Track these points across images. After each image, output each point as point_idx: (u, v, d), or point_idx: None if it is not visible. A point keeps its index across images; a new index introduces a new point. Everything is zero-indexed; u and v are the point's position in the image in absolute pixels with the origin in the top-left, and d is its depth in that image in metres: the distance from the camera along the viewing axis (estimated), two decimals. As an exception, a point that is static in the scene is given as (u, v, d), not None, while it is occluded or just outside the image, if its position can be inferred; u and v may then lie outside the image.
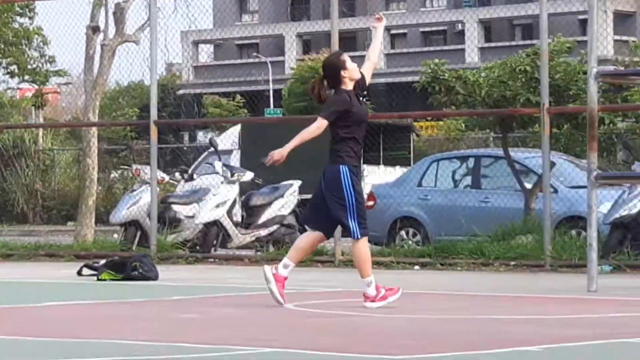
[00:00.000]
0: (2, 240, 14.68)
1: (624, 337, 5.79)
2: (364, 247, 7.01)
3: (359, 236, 6.89)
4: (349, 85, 6.95)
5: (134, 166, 14.22)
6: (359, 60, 7.95)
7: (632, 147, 15.80)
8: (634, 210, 11.65)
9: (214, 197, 12.84)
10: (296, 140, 7.09)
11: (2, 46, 14.55)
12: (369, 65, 7.19)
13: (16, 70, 15.90)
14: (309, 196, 12.39)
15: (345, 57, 7.19)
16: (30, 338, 5.93)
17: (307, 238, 7.25)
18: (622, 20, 43.12)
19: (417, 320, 7.05)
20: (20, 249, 13.92)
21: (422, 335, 6.08)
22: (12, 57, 15.09)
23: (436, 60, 13.36)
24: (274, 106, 33.15)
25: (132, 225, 12.90)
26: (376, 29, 7.60)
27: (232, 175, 13.01)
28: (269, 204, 13.06)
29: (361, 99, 7.16)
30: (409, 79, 25.53)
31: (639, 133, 19.19)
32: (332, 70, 7.07)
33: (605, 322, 6.96)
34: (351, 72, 6.98)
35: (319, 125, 6.89)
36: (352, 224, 6.88)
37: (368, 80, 7.08)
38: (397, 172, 17.33)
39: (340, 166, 6.75)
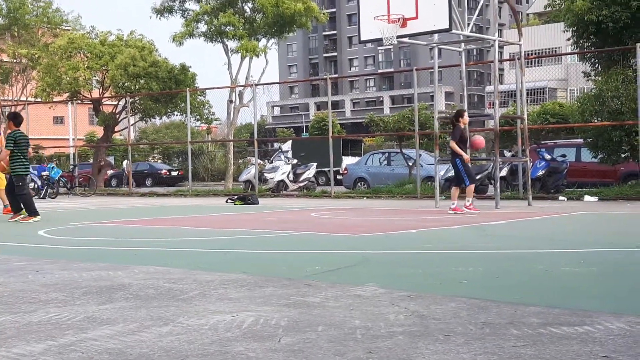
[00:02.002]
0: (195, 189, 24.46)
1: (449, 225, 10.67)
2: (471, 187, 12.34)
3: (467, 184, 12.33)
4: (462, 124, 12.34)
5: (248, 157, 26.79)
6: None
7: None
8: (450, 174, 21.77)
9: (280, 169, 22.27)
10: (456, 148, 12.26)
11: (194, 108, 27.77)
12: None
13: (198, 117, 27.31)
14: (321, 169, 25.12)
15: (464, 113, 12.60)
16: (202, 228, 10.80)
17: (455, 189, 12.55)
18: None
19: (364, 219, 12.64)
20: (202, 191, 24.01)
21: (361, 226, 11.24)
22: (198, 114, 28.24)
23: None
24: (305, 132, 55.31)
25: (247, 182, 22.90)
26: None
27: (288, 160, 22.77)
28: (304, 172, 22.48)
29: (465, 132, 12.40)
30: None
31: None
32: (456, 116, 12.55)
33: (440, 219, 11.73)
34: (464, 120, 12.42)
35: (452, 143, 12.29)
36: (465, 179, 12.26)
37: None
38: (356, 159, 27.38)
39: (457, 158, 12.18)
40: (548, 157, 18.41)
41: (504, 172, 18.31)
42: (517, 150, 16.95)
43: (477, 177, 18.64)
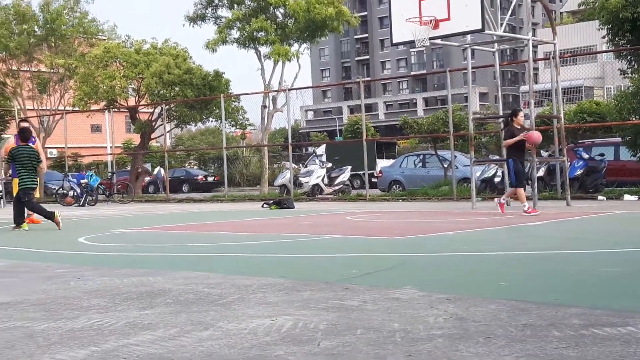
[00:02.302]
0: (230, 194, 24.52)
1: (486, 227, 10.40)
2: (520, 191, 12.02)
3: (514, 185, 12.14)
4: (516, 125, 11.94)
5: (283, 162, 26.91)
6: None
7: (488, 148, 27.03)
8: (490, 174, 18.93)
9: (315, 173, 22.20)
10: (513, 140, 11.98)
11: (228, 114, 28.03)
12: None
13: (232, 123, 27.31)
14: (355, 173, 25.07)
15: (520, 113, 12.27)
16: (239, 233, 10.80)
17: (519, 190, 12.13)
18: None
19: (400, 222, 12.22)
20: (238, 197, 23.95)
21: (397, 228, 10.86)
22: (233, 120, 28.47)
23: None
24: (339, 136, 54.97)
25: (283, 186, 22.95)
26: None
27: (323, 164, 22.64)
28: (338, 176, 22.43)
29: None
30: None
31: (492, 143, 27.03)
32: (510, 115, 12.23)
33: (477, 221, 11.34)
34: (518, 120, 12.04)
35: (505, 144, 12.51)
36: (514, 181, 12.07)
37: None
38: (391, 161, 27.11)
39: (510, 159, 12.01)
40: (586, 156, 18.16)
41: (541, 173, 18.10)
42: (554, 150, 16.74)
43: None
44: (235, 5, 26.36)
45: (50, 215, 11.90)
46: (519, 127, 12.46)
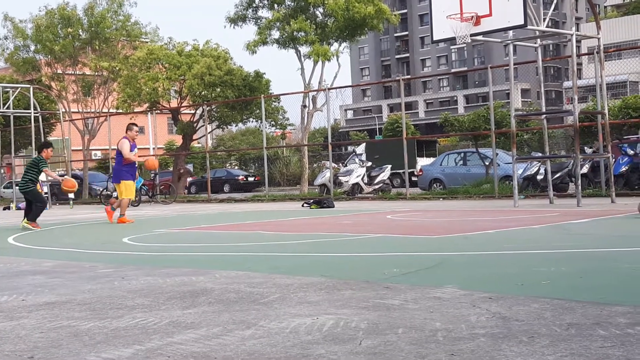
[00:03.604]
0: (271, 194, 24.75)
1: (529, 225, 10.16)
2: None
3: None
4: None
5: (323, 161, 27.10)
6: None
7: (531, 145, 26.69)
8: (533, 171, 18.93)
9: (355, 172, 22.24)
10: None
11: (268, 114, 28.26)
12: None
13: (273, 123, 27.44)
14: (395, 171, 25.03)
15: None
16: (280, 232, 11.09)
17: None
18: None
19: (440, 220, 12.10)
20: (278, 196, 24.09)
21: (438, 227, 10.81)
22: (273, 120, 28.63)
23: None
24: (379, 134, 55.19)
25: (323, 186, 23.06)
26: None
27: (363, 163, 22.69)
28: (378, 175, 22.53)
29: None
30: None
31: (535, 140, 27.03)
32: None
33: (519, 219, 11.25)
34: None
35: None
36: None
37: None
38: (431, 160, 27.13)
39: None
40: (631, 152, 17.89)
41: (585, 170, 18.01)
42: (599, 147, 16.51)
43: (557, 174, 18.39)
44: (276, 6, 26.45)
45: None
46: None
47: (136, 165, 14.22)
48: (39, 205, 12.81)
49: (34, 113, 26.64)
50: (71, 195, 24.57)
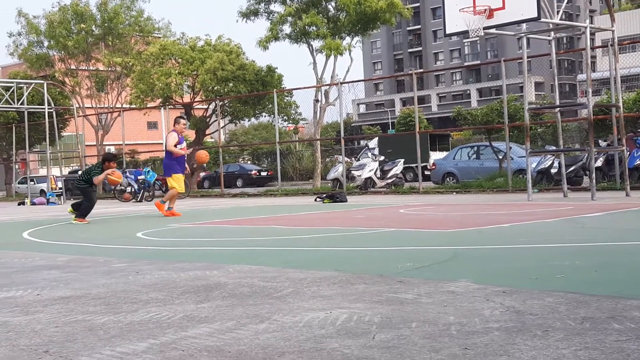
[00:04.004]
0: (284, 188, 24.96)
1: (543, 218, 10.23)
2: None
3: None
4: None
5: (335, 155, 27.25)
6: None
7: (544, 139, 26.53)
8: (546, 165, 18.83)
9: (367, 167, 22.34)
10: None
11: (281, 109, 28.25)
12: None
13: (285, 118, 27.63)
14: (408, 165, 25.00)
15: None
16: (293, 227, 11.00)
17: None
18: None
19: (454, 214, 12.13)
20: (291, 191, 24.21)
21: (451, 221, 10.65)
22: (286, 114, 28.64)
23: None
24: (391, 128, 54.64)
25: (335, 180, 23.02)
26: None
27: (375, 157, 22.80)
28: (391, 169, 22.61)
29: None
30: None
31: (548, 133, 26.85)
32: None
33: (533, 213, 11.15)
34: None
35: None
36: None
37: None
38: (444, 154, 27.13)
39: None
40: (646, 145, 17.76)
41: (599, 163, 17.93)
42: (613, 140, 16.42)
43: (572, 168, 18.30)
44: (288, 0, 26.43)
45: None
46: None
47: (185, 158, 14.26)
48: (87, 205, 13.15)
49: (48, 109, 26.81)
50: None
